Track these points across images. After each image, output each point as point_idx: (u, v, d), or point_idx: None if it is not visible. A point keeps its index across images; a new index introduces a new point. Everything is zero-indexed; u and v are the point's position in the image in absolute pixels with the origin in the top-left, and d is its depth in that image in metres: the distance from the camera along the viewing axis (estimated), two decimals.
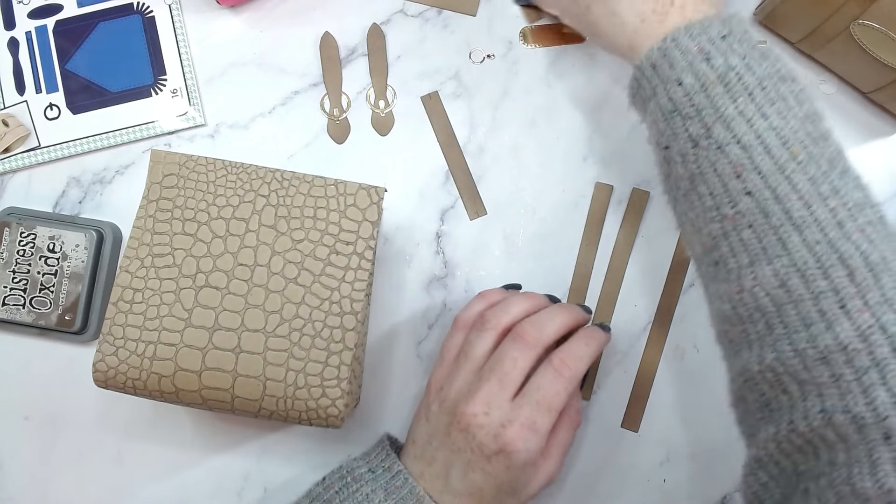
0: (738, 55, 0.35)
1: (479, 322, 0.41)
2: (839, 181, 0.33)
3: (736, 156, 0.34)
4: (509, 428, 0.37)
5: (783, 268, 0.32)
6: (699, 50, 0.35)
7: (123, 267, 0.40)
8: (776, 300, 0.32)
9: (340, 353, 0.39)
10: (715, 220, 0.35)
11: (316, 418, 0.39)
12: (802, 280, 0.31)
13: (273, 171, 0.42)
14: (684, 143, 0.35)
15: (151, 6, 0.50)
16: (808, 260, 0.31)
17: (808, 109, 0.34)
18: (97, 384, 0.39)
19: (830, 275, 0.31)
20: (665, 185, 0.39)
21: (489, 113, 0.50)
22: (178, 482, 0.47)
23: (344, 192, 0.42)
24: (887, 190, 0.48)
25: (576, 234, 0.48)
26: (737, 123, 0.34)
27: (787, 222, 0.32)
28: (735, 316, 0.35)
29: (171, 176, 0.42)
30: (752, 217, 0.33)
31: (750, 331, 0.34)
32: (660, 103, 0.36)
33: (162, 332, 0.39)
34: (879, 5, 0.41)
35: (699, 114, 0.35)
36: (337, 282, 0.40)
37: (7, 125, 0.48)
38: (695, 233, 0.37)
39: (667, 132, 0.36)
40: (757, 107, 0.34)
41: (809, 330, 0.31)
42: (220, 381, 0.39)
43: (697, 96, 0.35)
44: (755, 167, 0.33)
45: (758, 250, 0.33)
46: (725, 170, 0.34)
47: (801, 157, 0.33)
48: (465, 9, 0.50)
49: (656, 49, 0.36)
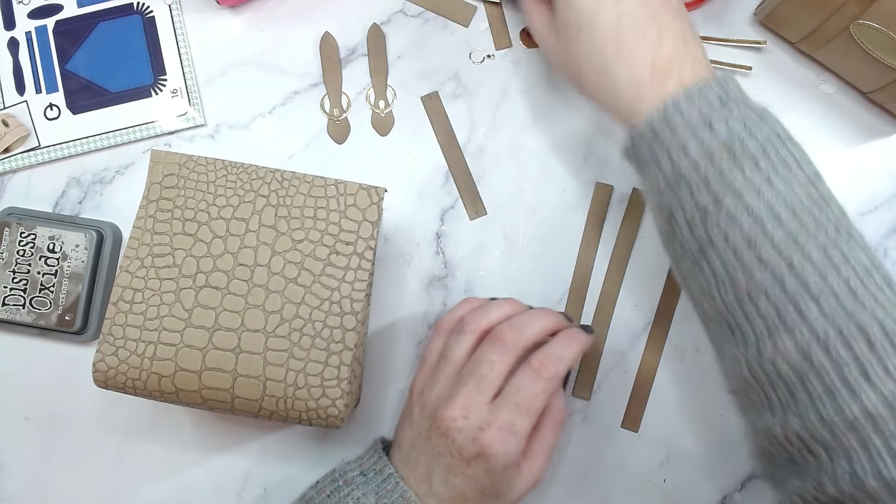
0: (738, 120, 0.35)
1: (459, 325, 0.41)
2: (847, 247, 0.33)
3: (748, 226, 0.34)
4: (487, 431, 0.37)
5: (804, 339, 0.32)
6: (700, 116, 0.35)
7: (123, 267, 0.40)
8: (798, 369, 0.33)
9: (340, 353, 0.39)
10: (728, 287, 0.35)
11: (316, 418, 0.39)
12: (824, 351, 0.32)
13: (273, 171, 0.42)
14: (691, 211, 0.35)
15: (151, 6, 0.50)
16: (829, 331, 0.32)
17: (809, 171, 0.35)
18: (97, 384, 0.39)
19: (851, 345, 0.32)
20: (666, 245, 0.39)
21: (489, 113, 0.50)
22: (178, 482, 0.47)
23: (344, 192, 0.42)
24: (887, 190, 0.48)
25: (576, 235, 0.48)
26: (746, 193, 0.34)
27: (803, 292, 0.33)
28: (754, 381, 0.35)
29: (171, 176, 0.42)
30: (767, 287, 0.33)
31: (771, 396, 0.35)
32: (662, 170, 0.36)
33: (162, 332, 0.39)
34: (879, 5, 0.41)
35: (707, 184, 0.35)
36: (337, 282, 0.40)
37: (7, 125, 0.48)
38: (703, 295, 0.37)
39: (671, 198, 0.36)
40: (763, 175, 0.34)
41: (834, 399, 0.32)
42: (220, 381, 0.39)
43: (704, 165, 0.35)
44: (768, 238, 0.33)
45: (776, 320, 0.33)
46: (738, 240, 0.34)
47: (810, 226, 0.33)
48: (459, 19, 0.50)
49: (656, 114, 0.36)
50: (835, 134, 0.49)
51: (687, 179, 0.35)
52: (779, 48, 0.49)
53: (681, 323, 0.47)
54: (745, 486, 0.45)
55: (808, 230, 0.33)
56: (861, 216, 0.48)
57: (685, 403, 0.46)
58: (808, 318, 0.32)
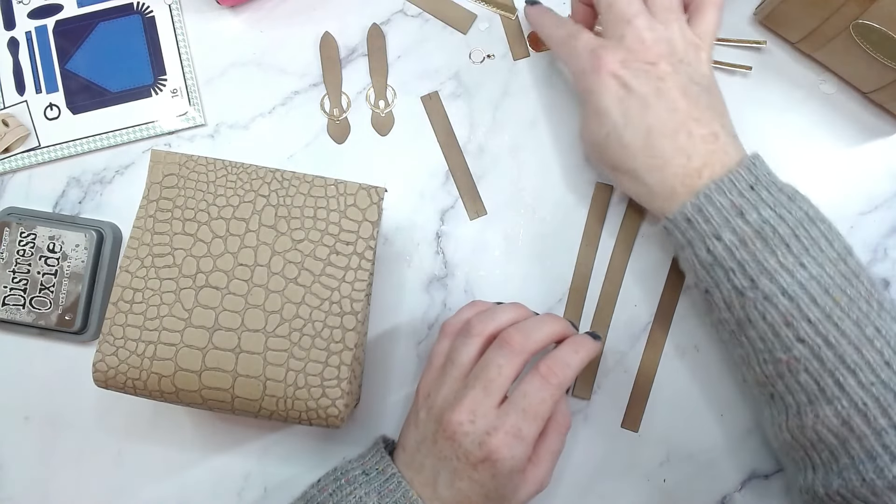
0: (768, 205, 0.37)
1: (465, 328, 0.41)
2: (879, 319, 0.36)
3: (784, 306, 0.36)
4: (494, 436, 0.37)
5: (843, 409, 0.35)
6: (732, 205, 0.37)
7: (123, 267, 0.40)
8: (839, 436, 0.35)
9: (340, 353, 0.39)
10: (768, 361, 0.38)
11: (316, 418, 0.39)
12: (864, 419, 0.35)
13: (273, 171, 0.42)
14: (728, 292, 0.38)
15: (151, 6, 0.50)
16: (867, 401, 0.34)
17: (839, 248, 0.37)
18: (97, 384, 0.39)
19: (889, 413, 0.34)
20: (705, 314, 0.41)
21: (489, 113, 0.50)
22: (178, 482, 0.47)
23: (344, 192, 0.42)
24: (887, 190, 0.48)
25: (576, 234, 0.48)
26: (780, 275, 0.36)
27: (840, 366, 0.35)
28: (796, 443, 0.38)
29: (171, 176, 0.42)
30: (806, 362, 0.36)
31: (813, 457, 0.37)
32: (697, 255, 0.39)
33: (162, 332, 0.39)
34: (879, 5, 0.41)
35: (742, 268, 0.37)
36: (337, 282, 0.40)
37: (7, 125, 0.48)
38: (744, 365, 0.40)
39: (707, 280, 0.39)
40: (795, 257, 0.36)
41: (875, 462, 0.34)
42: (220, 381, 0.39)
43: (738, 252, 0.37)
44: (804, 316, 0.36)
45: (815, 391, 0.36)
46: (775, 319, 0.36)
47: (843, 303, 0.36)
48: (458, 25, 0.50)
49: (689, 205, 0.38)
50: (835, 134, 0.49)
51: (722, 264, 0.38)
52: (779, 48, 0.49)
53: (681, 323, 0.47)
54: (744, 486, 0.45)
55: (842, 307, 0.35)
56: (861, 216, 0.48)
57: (685, 403, 0.46)
58: (847, 390, 0.35)
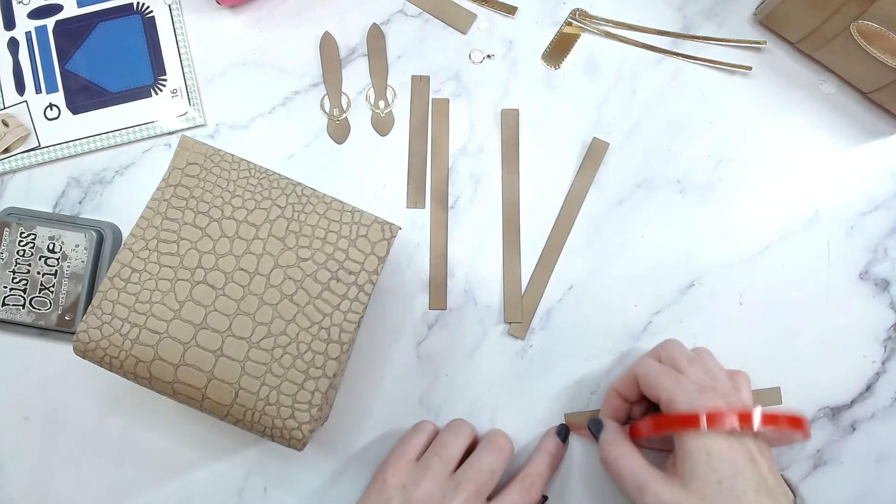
0: None
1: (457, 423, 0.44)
2: None
3: None
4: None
5: None
6: None
7: (128, 245, 0.40)
8: None
9: (318, 380, 0.39)
10: None
11: (279, 437, 0.39)
12: None
13: (295, 185, 0.41)
14: None
15: (151, 6, 0.50)
16: None
17: None
18: (76, 352, 0.39)
19: None
20: None
21: (489, 113, 0.50)
22: (178, 482, 0.47)
23: (359, 221, 0.41)
24: (887, 190, 0.48)
25: (579, 231, 0.48)
26: None
27: None
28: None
29: (194, 165, 0.41)
30: None
31: None
32: None
33: (150, 318, 0.39)
34: (879, 5, 0.41)
35: None
36: (331, 308, 0.40)
37: (7, 125, 0.48)
38: None
39: None
40: None
41: None
42: (195, 379, 0.38)
43: None
44: None
45: None
46: None
47: None
48: (458, 25, 0.50)
49: None
50: (835, 134, 0.49)
51: None
52: (779, 48, 0.49)
53: (680, 323, 0.47)
54: None
55: None
56: (861, 216, 0.48)
57: None
58: None
